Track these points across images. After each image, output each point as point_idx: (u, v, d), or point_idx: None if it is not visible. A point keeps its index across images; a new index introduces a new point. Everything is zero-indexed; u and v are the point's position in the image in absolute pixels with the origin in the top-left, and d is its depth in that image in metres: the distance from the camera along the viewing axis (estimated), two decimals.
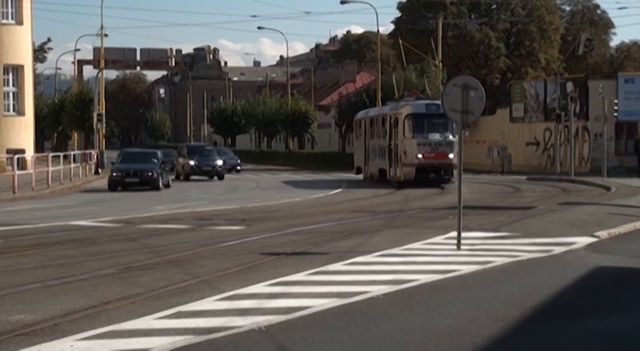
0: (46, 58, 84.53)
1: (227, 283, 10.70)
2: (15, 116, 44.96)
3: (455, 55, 61.90)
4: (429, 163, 33.64)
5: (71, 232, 17.31)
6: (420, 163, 33.69)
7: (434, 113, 33.14)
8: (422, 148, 33.71)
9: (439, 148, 33.66)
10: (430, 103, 34.41)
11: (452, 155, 33.10)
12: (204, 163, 41.39)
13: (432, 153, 33.63)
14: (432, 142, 33.72)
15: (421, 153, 33.63)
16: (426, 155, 33.62)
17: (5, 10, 43.98)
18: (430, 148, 33.67)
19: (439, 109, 30.80)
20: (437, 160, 33.63)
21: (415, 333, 8.21)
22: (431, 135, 33.75)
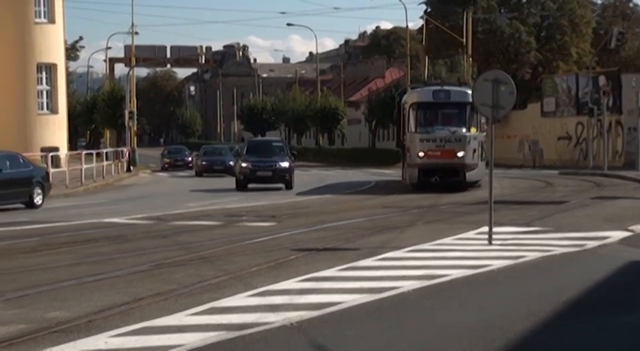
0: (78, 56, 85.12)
1: (258, 279, 10.75)
2: (49, 115, 45.38)
3: (485, 50, 61.56)
4: (434, 163, 27.54)
5: (104, 230, 17.46)
6: (422, 163, 27.78)
7: (443, 102, 28.32)
8: (425, 144, 27.78)
9: (446, 145, 27.56)
10: (438, 90, 28.87)
11: (462, 153, 27.34)
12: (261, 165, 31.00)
13: (437, 151, 27.54)
14: (436, 137, 27.73)
15: (424, 151, 27.69)
16: (429, 154, 27.55)
17: (38, 9, 44.40)
18: (435, 144, 27.66)
19: (449, 96, 28.20)
20: (442, 159, 27.48)
21: (447, 328, 8.20)
22: (437, 129, 27.94)
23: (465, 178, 27.81)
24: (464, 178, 27.84)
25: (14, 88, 43.06)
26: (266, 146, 32.63)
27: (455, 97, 28.21)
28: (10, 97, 42.85)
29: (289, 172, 30.57)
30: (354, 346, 7.56)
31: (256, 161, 30.55)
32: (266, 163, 30.57)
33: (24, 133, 42.86)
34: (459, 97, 28.06)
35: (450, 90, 28.91)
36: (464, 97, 27.41)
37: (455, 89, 29.12)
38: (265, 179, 30.50)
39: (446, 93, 28.54)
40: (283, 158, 30.85)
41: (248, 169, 30.45)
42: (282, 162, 30.68)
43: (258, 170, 30.41)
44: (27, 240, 15.66)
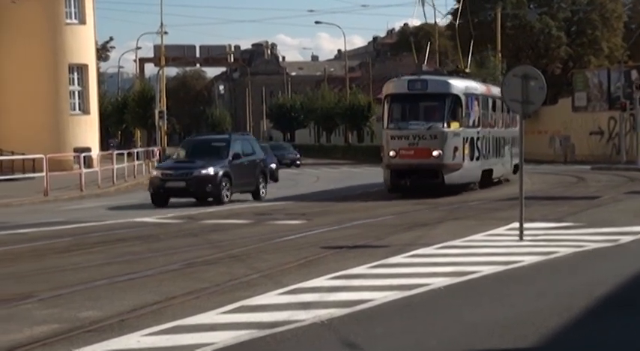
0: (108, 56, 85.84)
1: (289, 277, 10.77)
2: (80, 115, 45.79)
3: (514, 46, 61.16)
4: (406, 163, 24.11)
5: (136, 229, 17.59)
6: (394, 163, 24.42)
7: (419, 93, 24.62)
8: (396, 142, 24.36)
9: (419, 143, 24.02)
10: (414, 80, 24.99)
11: (437, 152, 23.91)
12: None
13: (410, 150, 24.06)
14: (409, 134, 24.15)
15: (395, 150, 24.29)
16: (402, 153, 24.16)
17: (69, 10, 44.81)
18: (407, 142, 24.13)
19: (426, 86, 24.54)
20: (416, 159, 23.99)
21: (478, 324, 8.17)
22: (411, 124, 24.45)
23: (444, 180, 24.20)
24: (442, 181, 24.18)
25: (47, 89, 43.53)
26: (202, 147, 25.09)
27: (433, 88, 24.64)
28: (43, 98, 43.31)
29: (213, 181, 23.12)
30: (384, 344, 7.55)
31: (169, 168, 24.04)
32: (180, 170, 23.42)
33: (57, 133, 43.33)
34: (437, 88, 24.67)
35: (427, 80, 24.96)
36: (444, 87, 24.74)
37: (433, 78, 25.30)
38: (177, 192, 23.33)
39: (422, 83, 24.74)
40: (213, 163, 23.43)
41: (157, 178, 23.51)
42: (205, 168, 23.20)
43: (168, 180, 23.20)
44: (60, 240, 15.81)
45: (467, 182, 25.49)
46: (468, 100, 25.41)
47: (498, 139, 28.56)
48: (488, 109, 27.72)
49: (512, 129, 30.01)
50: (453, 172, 24.41)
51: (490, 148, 27.42)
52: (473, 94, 26.12)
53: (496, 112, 28.60)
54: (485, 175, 26.99)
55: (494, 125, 28.49)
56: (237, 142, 25.16)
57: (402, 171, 24.33)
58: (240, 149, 24.85)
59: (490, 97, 27.90)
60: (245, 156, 24.94)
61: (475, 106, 26.10)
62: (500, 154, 28.79)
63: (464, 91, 25.32)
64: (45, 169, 27.57)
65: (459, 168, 24.58)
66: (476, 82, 27.96)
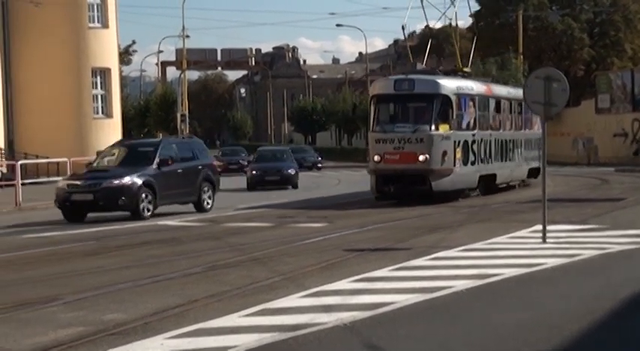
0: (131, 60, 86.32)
1: (311, 280, 10.78)
2: (103, 119, 46.06)
3: (536, 47, 60.91)
4: (391, 168, 22.76)
5: (159, 232, 17.66)
6: (378, 169, 23.12)
7: (405, 93, 23.21)
8: (381, 146, 23.01)
9: (405, 147, 22.62)
10: (401, 79, 23.65)
11: (424, 157, 22.50)
12: None
13: (396, 154, 22.69)
14: (394, 137, 22.79)
15: (379, 154, 22.95)
16: (387, 158, 22.80)
17: (91, 14, 45.09)
18: (392, 146, 22.77)
19: (413, 86, 23.11)
20: (401, 164, 22.57)
21: (501, 327, 8.15)
22: (397, 127, 23.03)
23: (432, 187, 22.69)
24: (430, 188, 22.69)
25: (70, 92, 43.82)
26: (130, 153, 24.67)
27: (420, 88, 23.16)
28: (66, 102, 43.61)
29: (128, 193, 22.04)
30: (407, 346, 7.55)
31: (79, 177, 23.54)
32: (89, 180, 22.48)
33: (80, 137, 43.59)
34: (425, 88, 23.20)
35: (414, 79, 23.53)
36: (432, 87, 23.20)
37: (421, 78, 23.80)
38: (85, 205, 22.11)
39: (409, 83, 23.28)
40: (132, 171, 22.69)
41: (62, 190, 22.05)
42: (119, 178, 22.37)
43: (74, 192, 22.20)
44: (84, 243, 15.91)
45: (460, 189, 23.71)
46: (460, 100, 23.86)
47: (505, 141, 26.92)
48: (488, 110, 26.07)
49: (525, 131, 28.94)
50: (442, 178, 22.82)
51: (492, 152, 25.75)
52: (467, 94, 24.44)
53: (502, 114, 27.15)
54: (485, 180, 25.28)
55: (499, 127, 26.81)
56: (168, 146, 22.05)
57: (388, 177, 22.97)
58: (174, 155, 21.77)
59: (492, 97, 26.46)
60: (181, 162, 21.88)
61: (470, 107, 24.53)
62: (507, 158, 27.06)
63: (455, 92, 23.66)
64: (69, 173, 27.74)
65: (449, 173, 22.99)
66: (473, 82, 26.01)
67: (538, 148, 29.09)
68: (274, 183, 33.29)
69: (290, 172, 34.09)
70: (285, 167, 34.37)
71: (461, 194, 23.93)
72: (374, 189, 23.51)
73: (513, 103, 27.85)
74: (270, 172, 33.93)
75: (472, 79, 26.64)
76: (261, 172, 33.96)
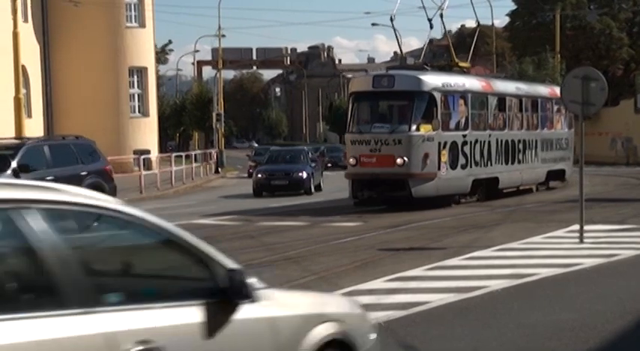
0: (167, 59, 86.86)
1: (345, 280, 10.76)
2: (140, 117, 46.43)
3: (574, 47, 60.36)
4: (368, 172, 20.92)
5: (194, 231, 17.66)
6: (355, 173, 21.36)
7: (385, 91, 21.38)
8: (357, 148, 21.25)
9: (382, 150, 20.76)
10: (381, 75, 22.02)
11: (402, 160, 20.58)
12: None
13: (372, 157, 20.88)
14: (370, 138, 20.96)
15: (355, 157, 21.23)
16: (363, 161, 21.01)
17: (129, 14, 45.50)
18: (369, 148, 20.93)
19: (393, 83, 21.24)
20: (379, 167, 20.73)
21: (537, 327, 8.06)
22: (375, 127, 21.20)
23: (411, 193, 20.80)
24: (410, 194, 20.81)
25: (108, 91, 44.24)
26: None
27: (401, 85, 21.30)
28: (104, 101, 44.02)
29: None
30: (442, 346, 7.50)
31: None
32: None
33: (117, 136, 43.98)
34: (406, 85, 21.35)
35: (394, 75, 21.69)
36: (413, 84, 21.26)
37: (401, 74, 21.99)
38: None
39: (389, 79, 21.38)
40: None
41: None
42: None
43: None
44: None
45: (447, 194, 21.69)
46: (446, 98, 21.84)
47: (512, 142, 24.80)
48: (487, 108, 23.79)
49: (542, 131, 26.83)
50: (423, 184, 20.94)
51: (492, 154, 23.61)
52: (455, 91, 22.18)
53: (508, 112, 24.99)
54: (483, 184, 23.29)
55: (504, 127, 24.61)
56: (34, 150, 18.38)
57: (364, 181, 21.17)
58: (43, 159, 18.22)
59: (492, 94, 24.19)
60: (55, 167, 18.18)
61: (460, 105, 22.42)
62: (514, 160, 24.89)
63: (440, 88, 21.52)
64: None
65: (433, 178, 21.07)
66: (465, 78, 23.65)
67: (561, 148, 28.14)
68: (282, 188, 29.13)
69: (301, 175, 29.41)
70: (295, 170, 29.68)
71: (450, 200, 21.86)
72: (350, 194, 21.88)
73: (525, 100, 26.05)
74: (277, 175, 29.59)
75: (465, 75, 24.24)
76: (267, 175, 29.71)
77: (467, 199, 22.71)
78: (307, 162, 30.70)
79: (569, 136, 28.85)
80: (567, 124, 28.91)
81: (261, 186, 29.38)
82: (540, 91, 27.61)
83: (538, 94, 27.22)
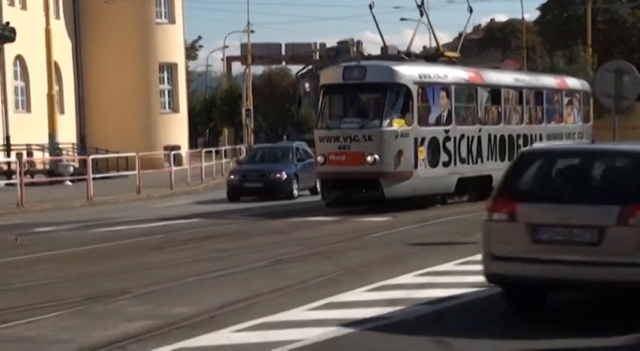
0: (197, 55, 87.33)
1: (375, 274, 10.79)
2: (170, 113, 46.73)
3: (606, 40, 59.79)
4: (335, 172, 19.59)
5: (224, 227, 17.83)
6: (322, 172, 20.10)
7: (356, 83, 19.76)
8: (325, 145, 19.76)
9: (351, 147, 19.30)
10: (352, 66, 20.22)
11: (373, 158, 19.11)
12: None
13: (341, 155, 19.42)
14: (339, 135, 19.44)
15: (324, 155, 19.77)
16: (332, 159, 19.54)
17: (159, 10, 45.81)
18: (338, 145, 19.45)
19: (364, 75, 19.68)
20: (348, 166, 19.32)
21: (571, 319, 8.04)
22: (344, 123, 19.69)
23: (384, 193, 19.40)
24: (382, 194, 19.40)
25: (138, 88, 44.56)
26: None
27: (373, 76, 19.73)
28: (135, 97, 44.34)
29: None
30: (474, 340, 7.51)
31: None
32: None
33: (148, 132, 44.30)
34: (378, 76, 19.81)
35: (365, 66, 20.14)
36: (386, 75, 19.76)
37: (374, 65, 20.55)
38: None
39: (360, 71, 19.78)
40: None
41: None
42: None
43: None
44: (152, 237, 16.15)
45: (426, 194, 20.45)
46: (424, 90, 20.24)
47: (509, 137, 22.94)
48: (476, 101, 21.96)
49: (548, 125, 24.71)
50: (398, 183, 19.49)
51: (483, 151, 21.89)
52: (435, 83, 20.57)
53: (504, 105, 22.99)
54: (473, 183, 21.45)
55: (499, 121, 22.81)
56: None
57: (333, 181, 19.88)
58: None
59: (482, 86, 22.34)
60: None
61: (442, 98, 20.76)
62: (512, 156, 21.50)
63: (417, 80, 19.88)
64: (137, 168, 28.19)
65: (409, 177, 19.59)
66: (448, 68, 21.91)
67: None
68: (255, 192, 24.90)
69: (279, 177, 24.81)
70: (273, 170, 25.00)
71: (431, 200, 20.62)
72: (321, 194, 20.76)
73: (526, 92, 24.05)
74: (250, 177, 25.05)
75: (450, 66, 22.44)
76: (240, 177, 25.22)
77: (455, 199, 21.27)
78: (293, 161, 25.68)
79: (584, 130, 26.47)
80: (582, 118, 26.85)
81: (234, 189, 24.89)
82: (546, 83, 25.78)
83: (543, 85, 25.32)
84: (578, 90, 26.94)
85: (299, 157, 26.09)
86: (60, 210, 23.29)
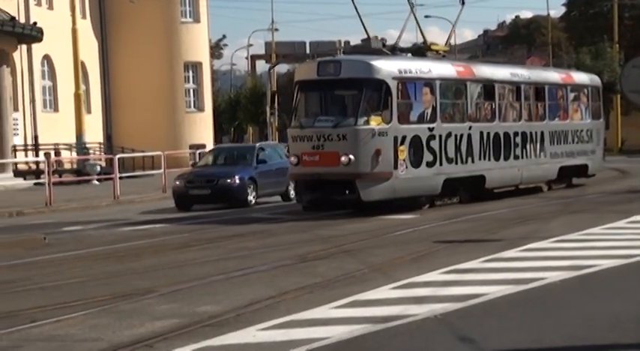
0: (222, 54, 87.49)
1: (401, 272, 10.77)
2: (195, 112, 46.92)
3: (632, 36, 59.27)
4: (309, 173, 18.62)
5: (250, 225, 17.87)
6: (295, 173, 19.21)
7: (331, 79, 18.83)
8: (299, 145, 18.88)
9: (325, 146, 18.36)
10: (327, 61, 19.43)
11: (347, 158, 18.09)
12: None
13: (315, 155, 18.48)
14: (312, 134, 18.52)
15: (297, 155, 18.87)
16: (305, 159, 18.65)
17: (184, 9, 46.01)
18: (311, 145, 18.54)
19: (339, 70, 18.79)
20: (322, 167, 18.36)
21: (597, 319, 7.99)
22: (318, 121, 18.69)
23: (360, 196, 18.35)
24: (358, 197, 18.35)
25: (164, 87, 44.80)
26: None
27: (348, 72, 18.83)
28: (160, 96, 44.58)
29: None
30: (501, 338, 7.47)
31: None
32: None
33: (173, 131, 44.52)
34: (354, 72, 18.91)
35: (341, 61, 19.36)
36: (363, 70, 18.85)
37: (350, 59, 19.83)
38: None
39: (335, 66, 18.90)
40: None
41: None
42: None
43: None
44: (179, 236, 16.22)
45: (409, 196, 19.27)
46: (405, 86, 19.12)
47: (506, 135, 21.82)
48: (465, 97, 20.74)
49: (552, 122, 23.68)
50: (375, 185, 18.43)
51: (474, 149, 20.68)
52: (418, 78, 19.41)
53: (499, 101, 21.83)
54: (464, 184, 20.63)
55: (493, 118, 21.61)
56: None
57: (308, 183, 18.85)
58: None
59: (473, 81, 21.11)
60: None
61: (425, 94, 19.57)
62: (509, 155, 21.87)
63: (396, 75, 18.79)
64: (163, 166, 28.31)
65: (388, 178, 18.50)
66: (432, 62, 20.68)
67: (581, 141, 24.79)
68: (203, 199, 21.86)
69: (229, 182, 21.74)
70: (224, 175, 21.98)
71: (416, 203, 19.45)
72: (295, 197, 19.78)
73: (525, 87, 22.84)
74: (196, 182, 21.96)
75: (435, 60, 21.21)
76: (185, 183, 22.04)
77: (444, 201, 20.15)
78: (252, 164, 22.61)
79: (593, 128, 25.35)
80: (592, 114, 25.45)
81: (179, 197, 21.93)
82: (549, 77, 24.47)
83: (545, 80, 24.04)
84: (585, 85, 25.48)
85: (261, 159, 22.94)
86: (87, 209, 23.40)
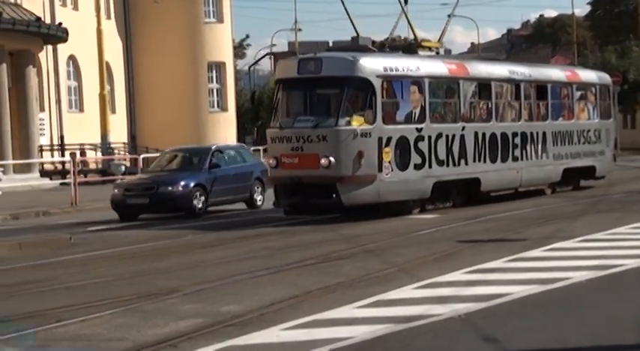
0: (245, 54, 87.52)
1: (424, 272, 10.75)
2: (219, 112, 47.03)
3: None
4: (288, 175, 17.78)
5: (273, 224, 17.88)
6: (274, 176, 18.32)
7: (312, 77, 17.91)
8: (277, 147, 17.99)
9: (304, 148, 17.47)
10: (307, 59, 18.42)
11: (327, 160, 17.14)
12: None
13: (294, 157, 17.60)
14: (292, 135, 17.64)
15: (275, 157, 17.97)
16: (283, 161, 17.77)
17: (207, 9, 46.14)
18: (290, 146, 17.64)
19: (320, 68, 17.81)
20: (302, 169, 17.50)
21: (623, 319, 7.94)
22: (298, 121, 17.83)
23: (341, 200, 17.44)
24: (339, 201, 17.46)
25: (188, 87, 44.93)
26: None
27: (330, 69, 17.85)
28: (184, 96, 44.72)
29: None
30: (525, 338, 7.45)
31: None
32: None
33: (197, 131, 44.61)
34: (336, 70, 17.91)
35: (322, 58, 18.21)
36: (345, 68, 17.83)
37: (332, 57, 18.83)
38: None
39: (316, 63, 17.90)
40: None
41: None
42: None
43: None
44: (203, 235, 16.28)
45: (395, 200, 18.18)
46: (390, 85, 18.16)
47: (504, 136, 20.78)
48: (459, 96, 19.74)
49: (555, 122, 22.57)
50: (358, 189, 17.47)
51: (468, 151, 19.65)
52: (405, 76, 18.37)
53: (495, 100, 20.79)
54: (458, 187, 19.79)
55: (489, 118, 20.58)
56: None
57: (287, 187, 17.98)
58: None
59: (466, 79, 20.09)
60: None
61: (412, 93, 18.59)
62: (507, 157, 20.83)
63: (380, 73, 17.82)
64: None
65: (372, 181, 17.53)
66: (421, 60, 19.55)
67: (588, 142, 23.69)
68: (141, 209, 19.63)
69: (171, 190, 19.45)
70: (166, 182, 19.68)
71: (404, 207, 18.33)
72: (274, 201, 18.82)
73: (525, 85, 21.70)
74: (135, 190, 19.79)
75: (424, 58, 20.09)
76: (123, 190, 19.97)
77: (436, 205, 19.16)
78: (203, 169, 20.31)
79: (602, 128, 24.28)
80: (600, 114, 24.39)
81: (117, 206, 19.79)
82: (552, 75, 23.25)
83: (547, 78, 22.87)
84: (593, 83, 24.43)
85: (215, 163, 20.61)
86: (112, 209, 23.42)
